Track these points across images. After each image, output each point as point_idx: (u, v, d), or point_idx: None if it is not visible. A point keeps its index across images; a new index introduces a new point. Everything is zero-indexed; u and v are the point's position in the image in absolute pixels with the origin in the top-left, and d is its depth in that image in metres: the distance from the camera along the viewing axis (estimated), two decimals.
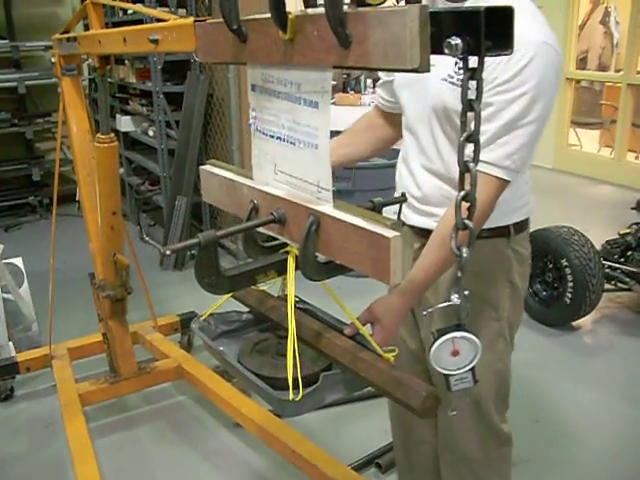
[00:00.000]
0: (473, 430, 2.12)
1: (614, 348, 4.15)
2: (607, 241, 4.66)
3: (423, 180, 1.93)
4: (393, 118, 2.13)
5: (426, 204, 1.93)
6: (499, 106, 1.65)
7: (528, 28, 1.62)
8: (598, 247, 4.39)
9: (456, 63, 1.71)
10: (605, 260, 4.42)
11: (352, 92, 15.10)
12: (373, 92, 15.19)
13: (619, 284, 4.53)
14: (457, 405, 1.41)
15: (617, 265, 4.49)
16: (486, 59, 1.58)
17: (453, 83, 1.75)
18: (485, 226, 1.85)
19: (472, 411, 2.08)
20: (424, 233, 1.89)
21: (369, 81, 15.67)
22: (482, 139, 1.63)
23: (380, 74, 2.14)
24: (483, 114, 1.63)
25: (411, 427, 2.36)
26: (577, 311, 4.20)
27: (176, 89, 5.58)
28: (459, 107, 1.67)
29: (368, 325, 1.65)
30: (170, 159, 5.63)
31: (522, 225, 2.00)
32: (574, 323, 4.33)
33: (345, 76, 14.82)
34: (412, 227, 2.01)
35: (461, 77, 1.66)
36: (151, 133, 5.93)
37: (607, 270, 4.42)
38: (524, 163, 1.72)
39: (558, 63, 1.70)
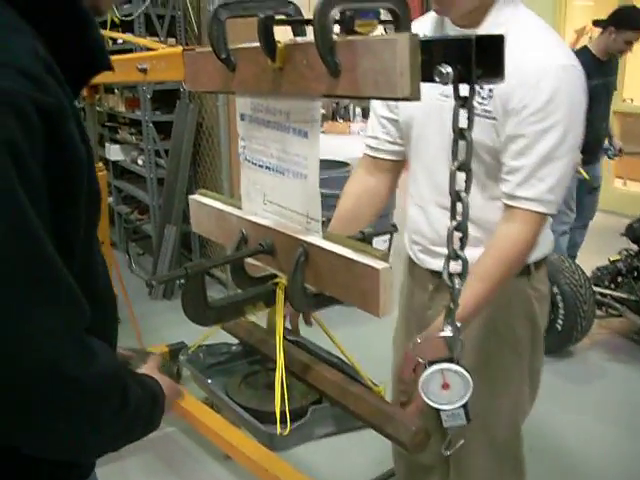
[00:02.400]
0: (485, 474, 2.06)
1: (606, 375, 4.12)
2: (597, 267, 4.66)
3: (440, 221, 1.82)
4: (385, 168, 2.01)
5: (442, 245, 1.83)
6: (533, 137, 1.61)
7: (550, 52, 1.61)
8: (589, 274, 4.38)
9: (479, 93, 1.64)
10: (596, 286, 4.42)
11: (341, 120, 15.20)
12: (362, 121, 15.34)
13: (610, 310, 4.53)
14: (453, 445, 1.38)
15: (608, 292, 4.49)
16: (512, 87, 1.61)
17: (478, 115, 1.61)
18: None
19: (486, 452, 2.01)
20: (439, 275, 1.81)
21: (358, 109, 15.79)
22: (520, 174, 1.65)
23: (378, 111, 1.98)
24: (516, 146, 1.64)
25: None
26: (569, 338, 4.17)
27: (165, 118, 5.58)
28: (487, 140, 1.69)
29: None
30: (159, 188, 5.61)
31: (541, 262, 1.94)
32: (566, 350, 4.31)
33: (335, 105, 14.94)
34: (426, 269, 1.95)
35: (485, 107, 1.68)
36: (140, 162, 5.92)
37: (598, 297, 4.41)
38: (563, 194, 1.69)
39: (584, 84, 1.65)
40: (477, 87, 1.60)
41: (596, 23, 4.77)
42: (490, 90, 1.65)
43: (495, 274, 1.63)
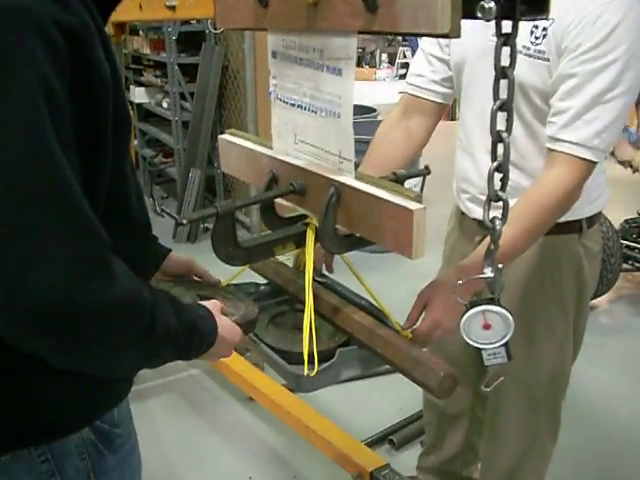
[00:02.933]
0: (520, 423, 2.06)
1: (631, 329, 4.10)
2: (626, 220, 4.60)
3: (485, 163, 1.71)
4: (426, 110, 1.92)
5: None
6: (584, 77, 1.51)
7: None
8: (617, 226, 4.33)
9: (532, 32, 1.58)
10: (623, 239, 4.37)
11: (367, 67, 15.01)
12: (388, 67, 15.14)
13: (637, 264, 4.48)
14: (491, 381, 1.37)
15: (635, 245, 4.43)
16: (567, 25, 1.54)
17: (530, 55, 1.60)
18: (559, 220, 1.69)
19: (523, 403, 2.02)
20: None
21: (384, 56, 15.58)
22: (566, 116, 1.56)
23: (427, 48, 1.89)
24: (566, 87, 1.55)
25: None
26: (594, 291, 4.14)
27: (191, 60, 5.54)
28: (538, 83, 1.62)
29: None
30: (184, 131, 5.60)
31: (594, 218, 1.88)
32: (590, 302, 4.28)
33: (360, 50, 14.74)
34: (474, 219, 1.90)
35: (538, 48, 1.61)
36: (165, 105, 5.89)
37: (625, 250, 4.37)
38: (613, 142, 1.58)
39: None
40: (531, 26, 1.60)
41: None
42: (544, 29, 1.58)
43: (529, 219, 1.55)
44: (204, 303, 1.23)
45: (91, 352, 0.97)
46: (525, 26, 1.58)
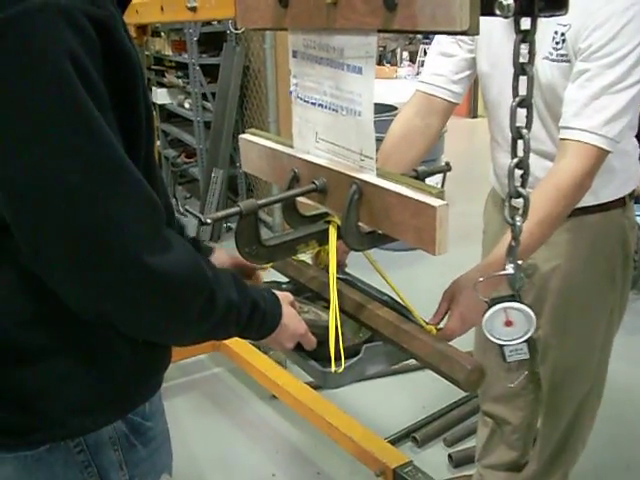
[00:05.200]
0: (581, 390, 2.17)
1: None
2: None
3: (533, 165, 1.74)
4: (439, 108, 1.94)
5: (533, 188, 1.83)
6: (595, 71, 1.57)
7: None
8: None
9: (553, 38, 1.65)
10: None
11: (388, 65, 14.99)
12: (410, 65, 15.10)
13: None
14: (515, 378, 1.39)
15: None
16: (579, 28, 1.60)
17: (554, 60, 1.67)
18: (607, 198, 1.83)
19: (586, 373, 2.13)
20: None
21: (405, 54, 15.53)
22: (576, 105, 1.60)
23: (445, 48, 1.91)
24: (579, 80, 1.60)
25: None
26: None
27: (212, 61, 5.57)
28: (565, 82, 1.65)
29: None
30: (206, 131, 5.62)
31: (633, 192, 1.95)
32: None
33: (381, 48, 14.72)
34: None
35: (560, 52, 1.67)
36: (187, 105, 5.93)
37: None
38: (624, 130, 1.61)
39: None
40: (552, 33, 1.65)
41: None
42: (562, 34, 1.64)
43: (542, 211, 1.54)
44: (276, 292, 1.29)
45: (154, 317, 1.04)
46: (546, 34, 1.66)
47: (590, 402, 2.20)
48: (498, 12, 0.96)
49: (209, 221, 1.24)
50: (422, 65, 14.99)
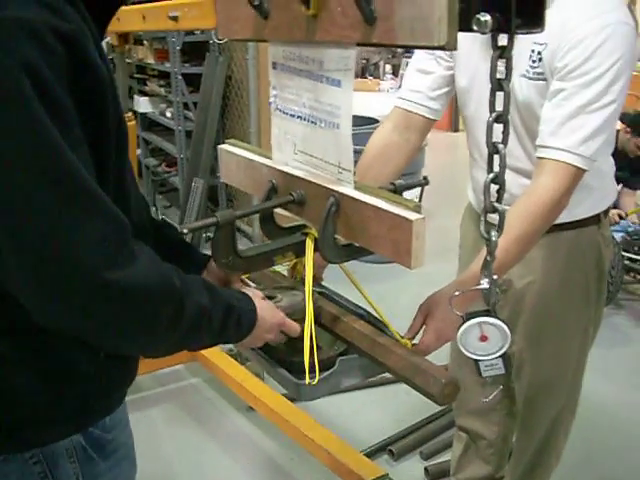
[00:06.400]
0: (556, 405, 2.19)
1: (632, 341, 4.10)
2: (628, 232, 4.60)
3: (509, 182, 1.74)
4: (417, 125, 1.95)
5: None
6: (572, 90, 1.59)
7: (595, 8, 1.59)
8: (618, 239, 4.34)
9: (530, 56, 1.68)
10: (625, 252, 4.38)
11: (371, 78, 15.03)
12: (392, 79, 15.16)
13: (638, 276, 4.50)
14: (490, 392, 1.39)
15: (637, 257, 4.44)
16: (555, 47, 1.62)
17: (531, 78, 1.69)
18: (582, 215, 1.86)
19: (560, 388, 2.15)
20: None
21: (388, 67, 15.58)
22: (552, 124, 1.62)
23: (424, 65, 1.92)
24: (554, 100, 1.62)
25: None
26: None
27: (194, 70, 5.56)
28: (541, 100, 1.68)
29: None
30: (187, 141, 5.61)
31: (608, 209, 1.99)
32: None
33: (364, 61, 14.78)
34: None
35: (537, 70, 1.69)
36: (169, 114, 5.91)
37: (627, 262, 4.38)
38: (601, 149, 1.62)
39: (633, 39, 1.60)
40: (529, 52, 1.67)
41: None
42: (539, 53, 1.66)
43: (518, 228, 1.55)
44: (243, 290, 1.30)
45: (120, 330, 1.02)
46: (523, 52, 1.68)
47: (564, 417, 2.22)
48: (476, 28, 0.96)
49: (185, 231, 1.24)
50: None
